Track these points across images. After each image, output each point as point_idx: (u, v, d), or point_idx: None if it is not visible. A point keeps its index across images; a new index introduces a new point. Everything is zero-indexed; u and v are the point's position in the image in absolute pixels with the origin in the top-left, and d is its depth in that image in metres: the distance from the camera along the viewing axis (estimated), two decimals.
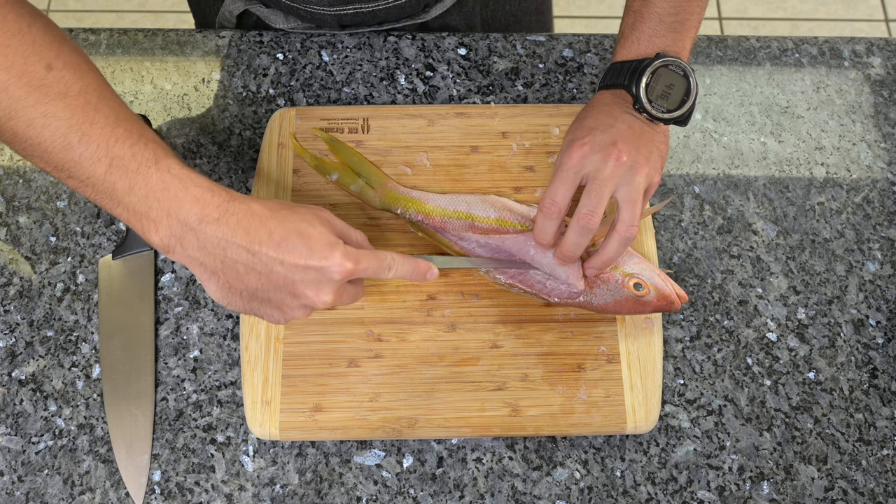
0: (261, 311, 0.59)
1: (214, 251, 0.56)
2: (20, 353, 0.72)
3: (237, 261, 0.56)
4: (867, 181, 0.81)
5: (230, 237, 0.55)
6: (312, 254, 0.56)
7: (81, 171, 0.54)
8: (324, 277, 0.57)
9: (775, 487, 0.69)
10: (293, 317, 0.60)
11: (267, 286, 0.57)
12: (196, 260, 0.56)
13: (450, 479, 0.69)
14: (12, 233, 0.76)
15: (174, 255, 0.56)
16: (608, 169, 0.63)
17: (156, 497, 0.67)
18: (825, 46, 0.88)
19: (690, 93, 0.66)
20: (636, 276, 0.67)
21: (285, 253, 0.56)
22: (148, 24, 2.00)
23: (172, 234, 0.55)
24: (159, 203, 0.55)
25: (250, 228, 0.56)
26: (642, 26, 0.68)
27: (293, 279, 0.57)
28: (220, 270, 0.56)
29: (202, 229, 0.55)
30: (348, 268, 0.57)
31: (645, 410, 0.69)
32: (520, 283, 0.70)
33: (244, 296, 0.58)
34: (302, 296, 0.57)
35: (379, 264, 0.60)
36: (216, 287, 0.57)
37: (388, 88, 0.83)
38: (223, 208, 0.56)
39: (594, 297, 0.68)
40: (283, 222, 0.57)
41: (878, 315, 0.76)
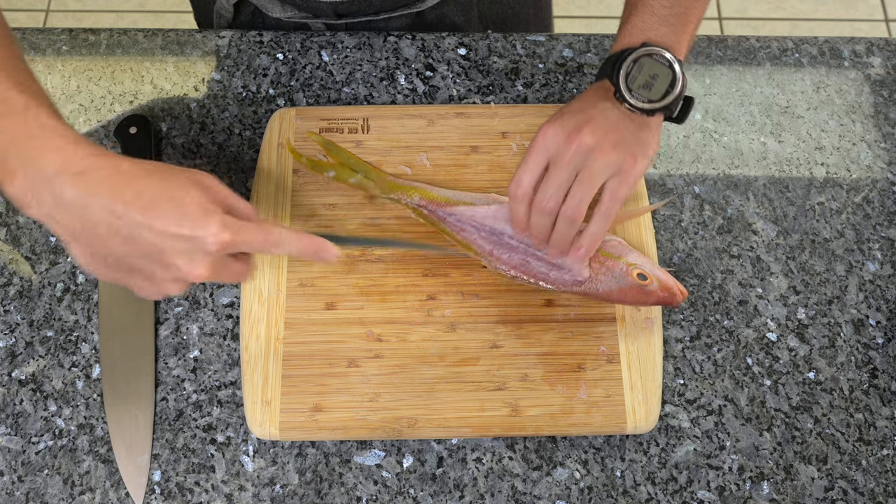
0: (129, 282, 0.54)
1: (72, 210, 0.50)
2: (20, 353, 0.72)
3: (99, 223, 0.50)
4: (867, 181, 0.81)
5: (92, 194, 0.50)
6: (184, 220, 0.51)
7: None
8: (197, 248, 0.52)
9: (775, 487, 0.69)
10: (166, 291, 0.54)
11: (134, 253, 0.52)
12: (52, 219, 0.51)
13: (450, 479, 0.69)
14: (12, 233, 0.76)
15: (30, 211, 0.51)
16: (568, 153, 0.63)
17: (156, 497, 0.67)
18: (825, 46, 0.88)
19: (676, 83, 0.63)
20: (639, 267, 0.68)
21: (154, 218, 0.51)
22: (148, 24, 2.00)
23: (29, 186, 0.50)
24: (19, 151, 0.50)
25: (117, 187, 0.51)
26: (634, 19, 0.67)
27: (162, 248, 0.51)
28: (79, 233, 0.51)
29: (60, 183, 0.50)
30: (225, 238, 0.52)
31: (645, 410, 0.69)
32: (523, 273, 0.70)
33: (109, 263, 0.53)
34: (172, 267, 0.52)
35: (265, 238, 0.55)
36: (78, 252, 0.52)
37: (388, 88, 0.83)
38: (87, 162, 0.51)
39: (598, 285, 0.68)
40: (154, 184, 0.52)
41: (878, 315, 0.76)
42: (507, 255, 0.70)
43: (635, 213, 0.74)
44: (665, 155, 0.82)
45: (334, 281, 0.72)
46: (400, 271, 0.73)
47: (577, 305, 0.72)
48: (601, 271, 0.68)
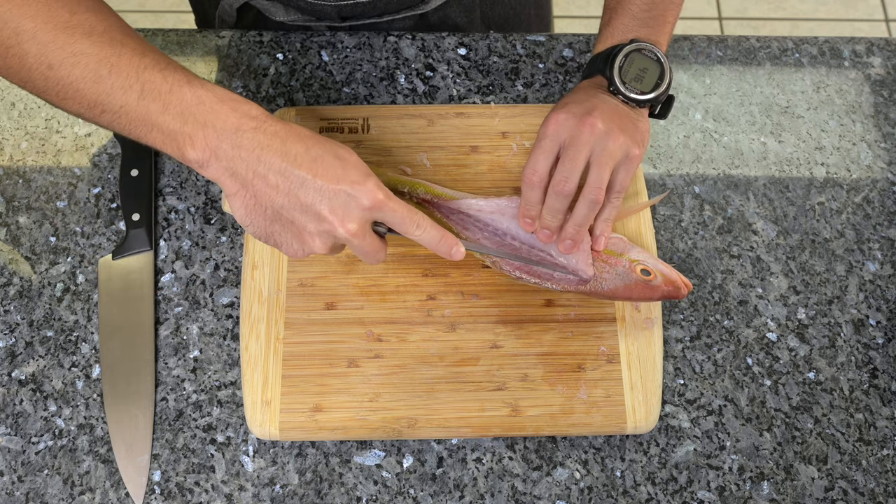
0: (281, 238, 0.59)
1: (249, 158, 0.55)
2: (20, 353, 0.72)
3: (270, 169, 0.55)
4: (867, 181, 0.81)
5: (267, 143, 0.55)
6: (346, 175, 0.56)
7: (114, 100, 0.56)
8: (353, 202, 0.56)
9: (775, 487, 0.69)
10: (311, 249, 0.58)
11: (293, 203, 0.56)
12: (228, 170, 0.56)
13: (450, 480, 0.69)
14: (12, 233, 0.76)
15: (208, 169, 0.56)
16: (583, 135, 0.64)
17: (156, 497, 0.67)
18: (825, 46, 0.88)
19: (664, 77, 0.67)
20: (642, 263, 0.68)
21: (318, 169, 0.56)
22: (148, 24, 2.00)
23: (208, 145, 0.55)
24: (195, 117, 0.55)
25: (287, 139, 0.56)
26: (616, 22, 0.71)
27: (321, 198, 0.56)
28: (250, 181, 0.56)
29: (239, 136, 0.55)
30: (379, 197, 0.57)
31: (645, 410, 0.69)
32: (527, 273, 0.69)
33: (268, 215, 0.57)
34: (326, 220, 0.56)
35: (409, 213, 0.59)
36: (242, 203, 0.57)
37: (388, 88, 0.83)
38: (261, 119, 0.56)
39: (603, 283, 0.68)
40: (320, 143, 0.57)
41: (878, 315, 0.75)
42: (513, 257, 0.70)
43: (635, 210, 0.74)
44: (665, 155, 0.82)
45: (334, 281, 0.72)
46: (400, 271, 0.73)
47: (577, 305, 0.72)
48: (605, 269, 0.68)
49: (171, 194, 0.78)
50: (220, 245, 0.76)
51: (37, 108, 0.82)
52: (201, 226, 0.77)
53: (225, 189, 0.57)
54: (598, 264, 0.69)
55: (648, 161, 0.81)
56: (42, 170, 0.79)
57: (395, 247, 0.74)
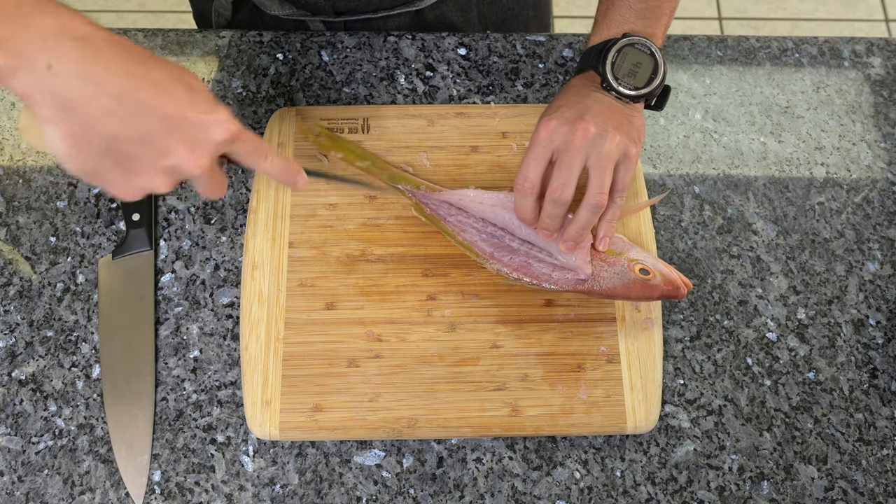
0: (111, 175, 0.49)
1: (71, 78, 0.45)
2: (20, 353, 0.72)
3: (101, 94, 0.46)
4: (867, 181, 0.81)
5: (97, 62, 0.46)
6: (195, 103, 0.49)
7: None
8: (203, 134, 0.49)
9: (775, 487, 0.69)
10: (150, 187, 0.50)
11: (131, 133, 0.47)
12: (46, 88, 0.45)
13: (450, 479, 0.69)
14: (12, 233, 0.76)
15: (15, 81, 0.45)
16: (576, 141, 0.63)
17: (156, 497, 0.67)
18: (825, 46, 0.88)
19: (658, 71, 0.66)
20: (640, 262, 0.68)
21: (163, 95, 0.47)
22: (148, 24, 2.00)
23: (18, 50, 0.44)
24: (8, 20, 0.45)
25: (124, 59, 0.47)
26: (612, 14, 0.70)
27: (167, 129, 0.48)
28: (74, 105, 0.46)
29: (59, 47, 0.45)
30: (233, 129, 0.50)
31: (645, 410, 0.69)
32: (525, 275, 0.69)
33: (95, 147, 0.48)
34: (172, 153, 0.49)
35: (259, 144, 0.53)
36: (64, 131, 0.47)
37: (388, 88, 0.83)
38: (88, 28, 0.46)
39: (601, 282, 0.68)
40: (163, 64, 0.49)
41: (878, 315, 0.75)
42: (509, 258, 0.70)
43: (635, 209, 0.74)
44: (665, 155, 0.82)
45: (334, 281, 0.72)
46: (400, 271, 0.73)
47: (577, 305, 0.72)
48: (603, 269, 0.68)
49: (171, 194, 0.78)
50: (220, 245, 0.76)
51: None
52: (201, 226, 0.77)
53: (39, 112, 0.46)
54: (597, 263, 0.69)
55: (648, 161, 0.81)
56: (42, 170, 0.79)
57: (395, 247, 0.74)
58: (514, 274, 0.70)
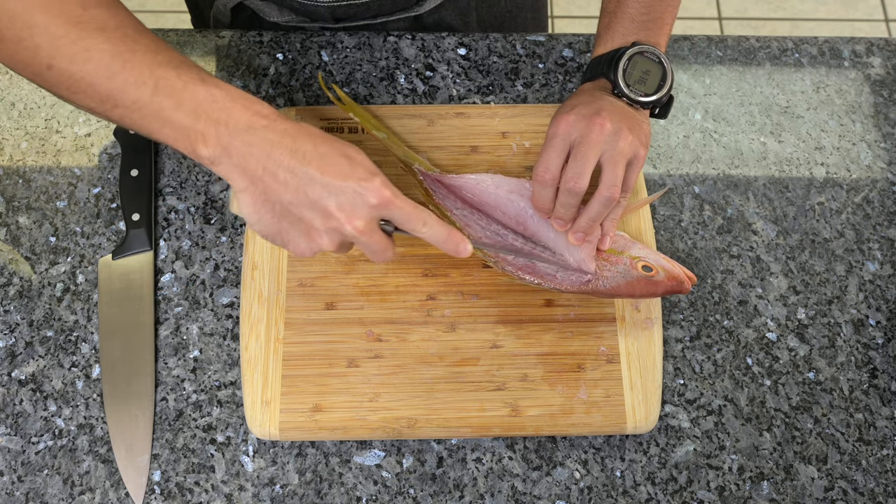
0: (288, 236, 0.59)
1: (259, 155, 0.56)
2: (20, 353, 0.72)
3: (279, 166, 0.56)
4: (867, 181, 0.81)
5: (277, 141, 0.56)
6: (353, 172, 0.57)
7: (127, 96, 0.56)
8: (359, 200, 0.57)
9: (775, 487, 0.69)
10: (319, 246, 0.59)
11: (301, 200, 0.57)
12: (239, 167, 0.56)
13: (450, 479, 0.69)
14: (12, 233, 0.76)
15: (220, 166, 0.56)
16: (593, 135, 0.65)
17: (156, 497, 0.67)
18: (825, 46, 0.88)
19: (666, 78, 0.69)
20: (643, 259, 0.68)
21: (326, 166, 0.56)
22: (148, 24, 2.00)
23: (220, 142, 0.56)
24: (207, 115, 0.56)
25: (297, 137, 0.57)
26: (616, 26, 0.72)
27: (328, 195, 0.56)
28: (259, 178, 0.56)
29: (250, 134, 0.56)
30: (386, 195, 0.57)
31: (645, 410, 0.69)
32: (529, 274, 0.69)
33: (276, 211, 0.58)
34: (333, 217, 0.57)
35: (416, 211, 0.59)
36: (251, 199, 0.57)
37: (388, 88, 0.83)
38: (272, 118, 0.57)
39: (605, 282, 0.68)
40: (328, 141, 0.58)
41: (878, 315, 0.75)
42: (513, 257, 0.70)
43: (635, 207, 0.74)
44: (665, 155, 0.82)
45: (334, 281, 0.72)
46: (400, 271, 0.73)
47: (577, 305, 0.72)
48: (606, 268, 0.68)
49: (171, 194, 0.78)
50: (220, 245, 0.76)
51: (37, 108, 0.82)
52: (201, 226, 0.77)
53: (234, 186, 0.57)
54: (599, 263, 0.69)
55: (648, 161, 0.81)
56: (42, 170, 0.79)
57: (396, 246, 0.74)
58: (518, 272, 0.70)
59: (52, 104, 0.82)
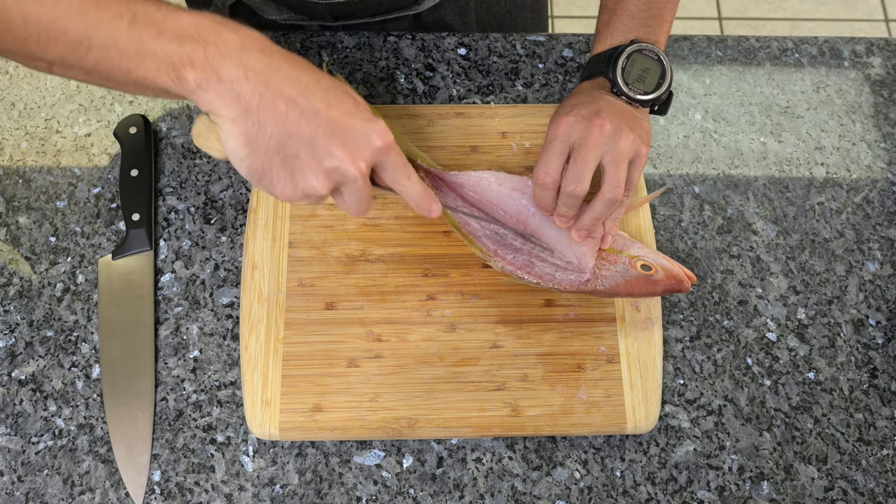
0: (276, 175, 0.54)
1: (256, 80, 0.51)
2: (20, 353, 0.72)
3: (280, 95, 0.51)
4: (867, 181, 0.81)
5: (275, 66, 0.51)
6: (358, 112, 0.54)
7: (102, 33, 0.51)
8: (364, 140, 0.54)
9: (775, 487, 0.69)
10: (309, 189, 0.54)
11: (300, 134, 0.52)
12: (231, 93, 0.51)
13: (450, 479, 0.69)
14: (12, 233, 0.76)
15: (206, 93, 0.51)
16: (593, 136, 0.64)
17: (156, 497, 0.67)
18: (825, 46, 0.88)
19: (665, 76, 0.68)
20: (642, 258, 0.68)
21: (332, 101, 0.53)
22: None
23: (210, 63, 0.50)
24: (193, 38, 0.50)
25: (297, 66, 0.52)
26: (616, 23, 0.71)
27: (333, 132, 0.53)
28: (255, 107, 0.51)
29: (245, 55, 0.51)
30: (390, 138, 0.55)
31: (645, 410, 0.69)
32: (528, 274, 0.69)
33: (270, 146, 0.52)
34: (334, 154, 0.53)
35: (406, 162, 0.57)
36: (242, 130, 0.52)
37: (388, 88, 0.83)
38: (265, 43, 0.52)
39: (604, 281, 0.68)
40: (329, 77, 0.54)
41: (878, 315, 0.75)
42: (512, 256, 0.70)
43: (635, 205, 0.74)
44: (665, 155, 0.82)
45: (334, 281, 0.72)
46: (400, 271, 0.73)
47: (577, 305, 0.72)
48: (605, 267, 0.68)
49: (171, 194, 0.78)
50: (220, 245, 0.76)
51: (37, 108, 0.82)
52: (201, 226, 0.77)
53: (222, 114, 0.52)
54: (599, 262, 0.69)
55: (649, 161, 0.81)
56: (42, 170, 0.79)
57: (395, 247, 0.74)
58: (517, 272, 0.70)
59: (52, 104, 0.82)
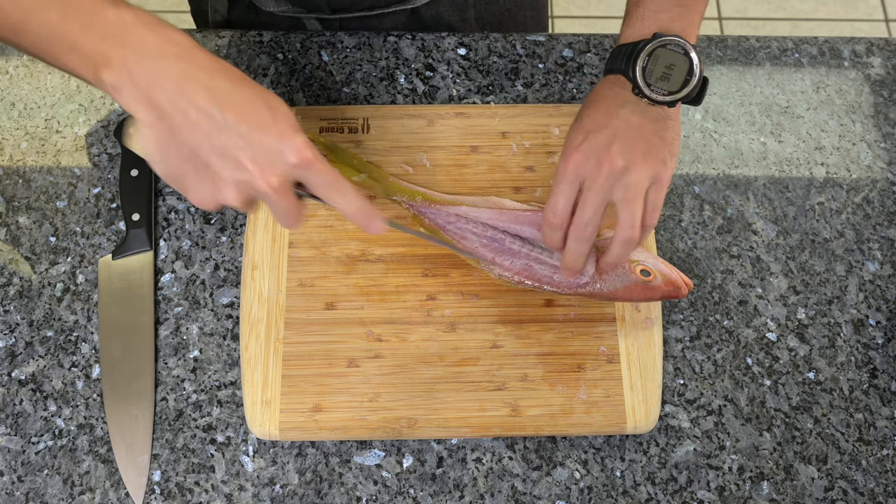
0: (191, 182, 0.54)
1: (169, 88, 0.51)
2: (20, 353, 0.72)
3: (191, 104, 0.51)
4: (867, 181, 0.81)
5: (191, 74, 0.51)
6: (274, 124, 0.52)
7: (35, 19, 0.52)
8: (278, 156, 0.52)
9: (775, 487, 0.69)
10: (223, 198, 0.54)
11: (212, 146, 0.52)
12: (145, 97, 0.51)
13: (450, 479, 0.69)
14: (12, 233, 0.76)
15: (123, 95, 0.51)
16: (601, 178, 0.61)
17: (156, 497, 0.67)
18: (825, 46, 0.88)
19: (693, 72, 0.62)
20: (641, 263, 0.68)
21: (245, 113, 0.52)
22: None
23: (125, 67, 0.51)
24: (115, 38, 0.51)
25: (214, 74, 0.52)
26: (646, 1, 0.65)
27: (243, 146, 0.52)
28: (168, 114, 0.51)
29: (160, 62, 0.51)
30: (307, 155, 0.53)
31: (645, 410, 0.69)
32: (527, 278, 0.69)
33: (182, 153, 0.52)
34: (246, 169, 0.52)
35: (335, 178, 0.55)
36: (154, 136, 0.52)
37: (387, 88, 0.83)
38: (186, 46, 0.52)
39: (602, 285, 0.68)
40: (250, 85, 0.53)
41: (878, 315, 0.75)
42: (510, 262, 0.70)
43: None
44: None
45: (334, 281, 0.72)
46: (400, 271, 0.73)
47: (577, 305, 0.72)
48: (604, 270, 0.68)
49: (171, 194, 0.78)
50: (220, 245, 0.76)
51: (37, 108, 0.82)
52: (201, 226, 0.77)
53: (138, 118, 0.52)
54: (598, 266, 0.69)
55: None
56: (42, 170, 0.79)
57: (395, 247, 0.74)
58: (516, 277, 0.70)
59: (52, 104, 0.82)
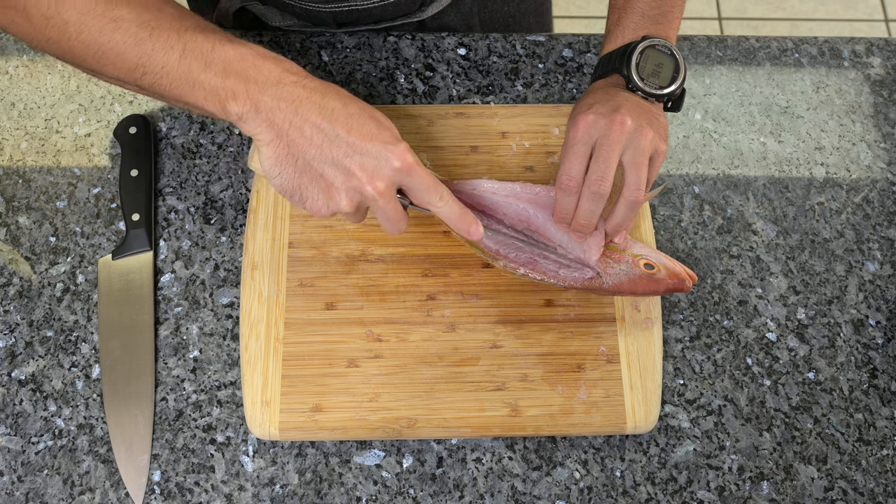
0: (307, 192, 0.60)
1: (287, 109, 0.57)
2: (20, 353, 0.72)
3: (306, 121, 0.57)
4: (867, 181, 0.81)
5: (306, 97, 0.58)
6: (379, 134, 0.58)
7: (155, 62, 0.57)
8: (383, 162, 0.58)
9: (775, 487, 0.69)
10: (337, 205, 0.60)
11: (324, 156, 0.58)
12: (266, 121, 0.58)
13: (450, 479, 0.69)
14: (12, 233, 0.76)
15: (248, 123, 0.58)
16: (614, 134, 0.64)
17: (156, 497, 0.67)
18: (825, 46, 0.88)
19: (679, 70, 0.68)
20: (644, 257, 0.68)
21: (353, 125, 0.58)
22: None
23: (250, 98, 0.57)
24: (237, 73, 0.57)
25: (326, 94, 0.58)
26: (626, 21, 0.72)
27: (352, 154, 0.58)
28: (285, 132, 0.58)
29: (279, 89, 0.57)
30: (409, 160, 0.59)
31: (645, 410, 0.69)
32: (532, 271, 0.69)
33: (298, 166, 0.59)
34: (355, 176, 0.58)
35: (435, 183, 0.60)
36: (274, 151, 0.58)
37: (387, 88, 0.83)
38: (301, 74, 0.59)
39: (607, 279, 0.68)
40: (357, 102, 0.60)
41: (878, 315, 0.76)
42: (515, 254, 0.70)
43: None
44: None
45: (334, 281, 0.72)
46: (400, 271, 0.73)
47: (577, 305, 0.72)
48: (608, 265, 0.68)
49: (171, 194, 0.78)
50: (220, 245, 0.76)
51: (37, 108, 0.82)
52: (201, 226, 0.77)
53: (259, 139, 0.58)
54: (603, 259, 0.69)
55: None
56: (42, 170, 0.79)
57: (395, 247, 0.74)
58: (521, 269, 0.69)
59: (52, 104, 0.82)
